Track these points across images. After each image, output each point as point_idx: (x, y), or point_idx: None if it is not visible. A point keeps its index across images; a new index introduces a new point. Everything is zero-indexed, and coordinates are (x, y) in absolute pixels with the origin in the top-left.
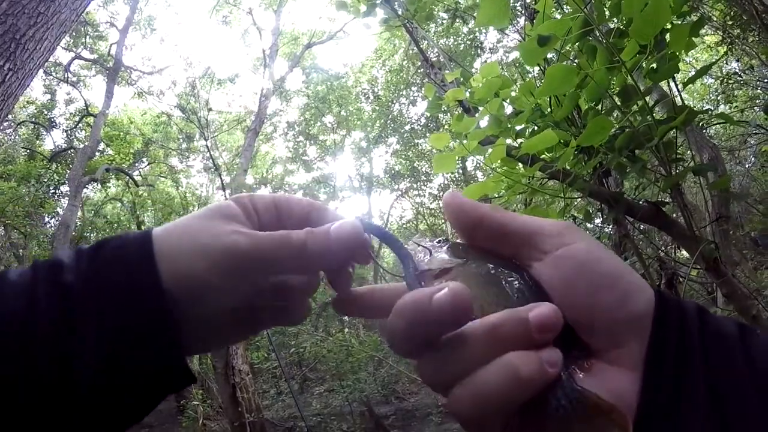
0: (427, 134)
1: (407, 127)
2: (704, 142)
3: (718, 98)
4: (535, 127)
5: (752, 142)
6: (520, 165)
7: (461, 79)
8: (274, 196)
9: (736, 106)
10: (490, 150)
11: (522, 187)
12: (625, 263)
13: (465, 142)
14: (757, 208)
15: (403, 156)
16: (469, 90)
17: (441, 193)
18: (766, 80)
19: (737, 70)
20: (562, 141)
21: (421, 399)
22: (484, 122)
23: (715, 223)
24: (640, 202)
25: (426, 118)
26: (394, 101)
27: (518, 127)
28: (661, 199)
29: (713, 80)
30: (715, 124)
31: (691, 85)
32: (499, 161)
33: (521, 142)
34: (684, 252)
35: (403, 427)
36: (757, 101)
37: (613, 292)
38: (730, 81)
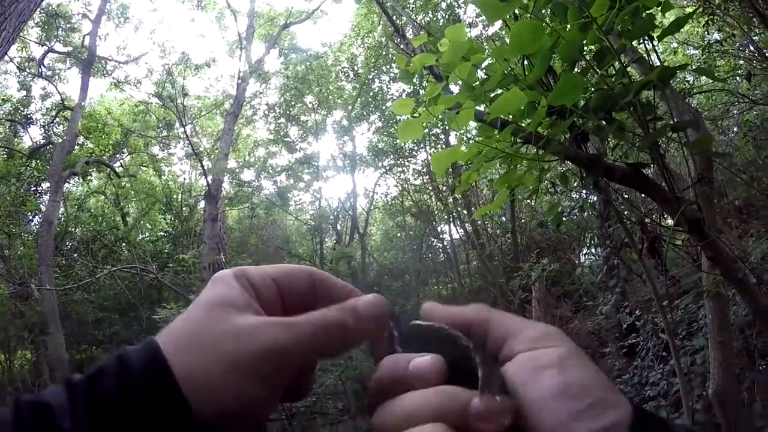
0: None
1: (389, 104)
2: (685, 108)
3: (701, 67)
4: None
5: (735, 112)
6: (496, 132)
7: (429, 45)
8: (268, 270)
9: (718, 76)
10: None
11: (494, 152)
12: (604, 378)
13: (430, 107)
14: (740, 176)
15: (386, 133)
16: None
17: (425, 169)
18: (747, 49)
19: (719, 40)
20: (534, 102)
21: None
22: (457, 89)
23: (697, 186)
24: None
25: (408, 94)
26: (375, 78)
27: (492, 94)
28: (641, 161)
29: (695, 51)
30: (697, 93)
31: (673, 56)
32: (475, 128)
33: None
34: (670, 219)
35: None
36: (739, 71)
37: (574, 403)
38: (711, 50)
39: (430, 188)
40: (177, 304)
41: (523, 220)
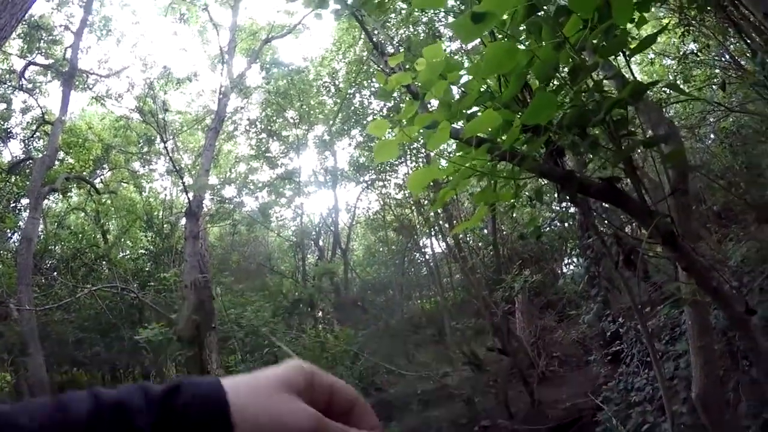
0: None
1: (370, 118)
2: (661, 120)
3: (677, 78)
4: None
5: (711, 120)
6: (473, 150)
7: (406, 64)
8: (333, 381)
9: (694, 85)
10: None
11: (470, 171)
12: None
13: (406, 128)
14: (718, 182)
15: (367, 148)
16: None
17: (406, 183)
18: (723, 59)
19: (695, 50)
20: (509, 121)
21: (400, 389)
22: (435, 104)
23: (672, 198)
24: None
25: (388, 109)
26: (356, 93)
27: (470, 111)
28: (616, 176)
29: (672, 61)
30: (674, 102)
31: (650, 66)
32: (454, 144)
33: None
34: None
35: (384, 417)
36: (715, 80)
37: None
38: (687, 60)
39: (412, 202)
40: (159, 324)
41: (504, 232)
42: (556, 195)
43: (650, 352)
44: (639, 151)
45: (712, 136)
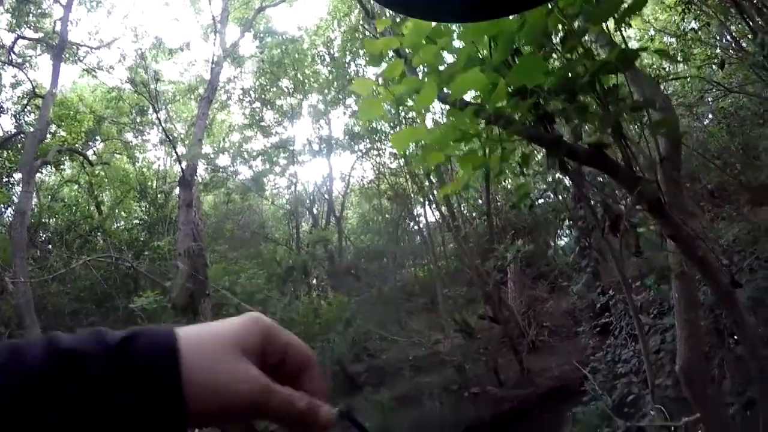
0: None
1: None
2: (656, 94)
3: (676, 56)
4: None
5: (709, 99)
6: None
7: (395, 28)
8: (288, 338)
9: (693, 64)
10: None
11: (456, 131)
12: None
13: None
14: (714, 162)
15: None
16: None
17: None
18: (723, 39)
19: (695, 28)
20: (495, 84)
21: (392, 355)
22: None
23: (663, 167)
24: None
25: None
26: (351, 62)
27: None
28: (604, 142)
29: (672, 39)
30: (672, 79)
31: (650, 43)
32: (441, 110)
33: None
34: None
35: (376, 383)
36: (715, 60)
37: None
38: (687, 38)
39: (406, 171)
40: (154, 293)
41: (499, 203)
42: (546, 161)
43: (636, 325)
44: (635, 128)
45: (710, 116)
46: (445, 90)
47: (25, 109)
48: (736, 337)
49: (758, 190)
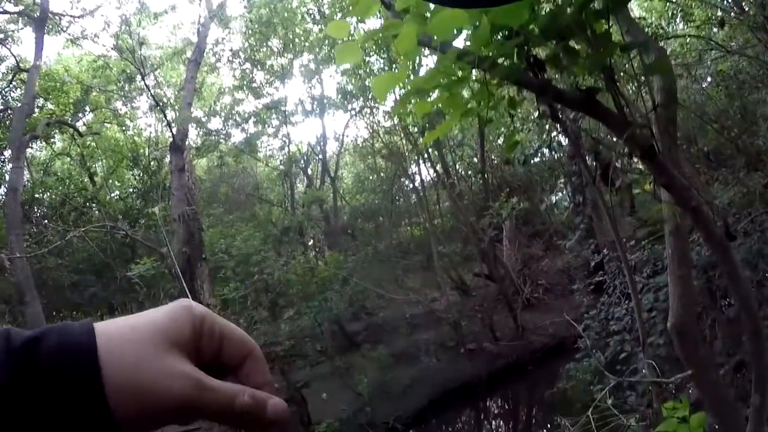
0: (379, 52)
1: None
2: (651, 45)
3: (676, 15)
4: None
5: (708, 61)
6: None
7: None
8: (224, 327)
9: (693, 24)
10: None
11: (439, 75)
12: None
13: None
14: (711, 125)
15: (355, 75)
16: None
17: (393, 110)
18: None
19: None
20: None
21: (390, 313)
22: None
23: (658, 115)
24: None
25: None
26: (343, 19)
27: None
28: (595, 87)
29: None
30: (670, 37)
31: (649, 2)
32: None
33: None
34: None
35: (374, 341)
36: (715, 21)
37: None
38: None
39: (400, 129)
40: (151, 259)
41: (494, 161)
42: (537, 110)
43: (629, 284)
44: (631, 88)
45: (708, 78)
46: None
47: (11, 85)
48: (728, 299)
49: (754, 154)
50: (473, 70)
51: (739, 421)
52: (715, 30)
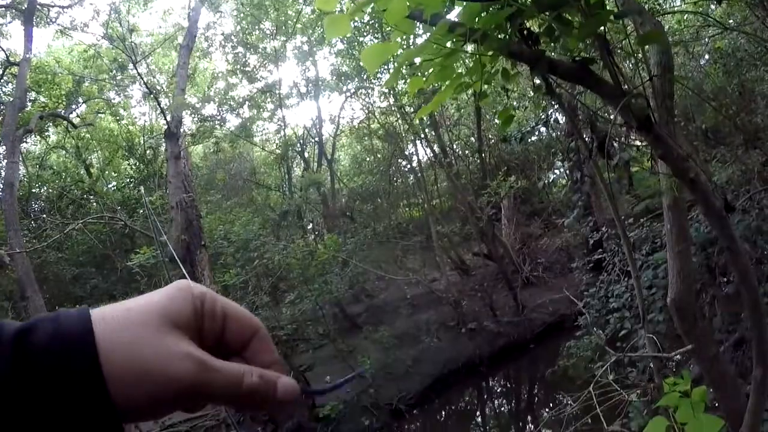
0: (372, 32)
1: (351, 25)
2: (648, 19)
3: None
4: None
5: (706, 38)
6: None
7: None
8: (227, 306)
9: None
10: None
11: (430, 48)
12: None
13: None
14: (710, 102)
15: (350, 56)
16: None
17: (390, 91)
18: None
19: None
20: None
21: (390, 294)
22: None
23: (654, 85)
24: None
25: (370, 14)
26: None
27: None
28: (589, 57)
29: None
30: (667, 13)
31: None
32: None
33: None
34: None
35: (375, 322)
36: None
37: None
38: None
39: (396, 110)
40: (150, 248)
41: (491, 140)
42: (532, 84)
43: (629, 260)
44: (628, 65)
45: (706, 56)
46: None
47: (1, 80)
48: (726, 276)
49: (753, 132)
50: (465, 44)
51: (739, 396)
52: (712, 7)
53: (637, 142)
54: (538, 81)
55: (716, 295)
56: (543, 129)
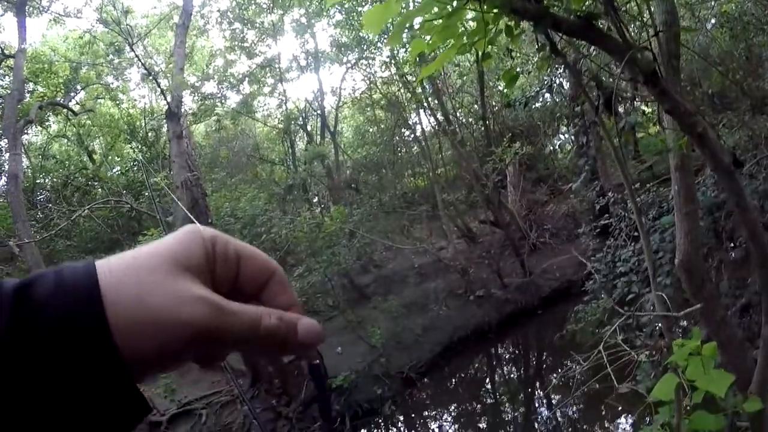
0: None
1: None
2: None
3: None
4: None
5: (712, 3)
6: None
7: None
8: (240, 248)
9: None
10: None
11: (436, 5)
12: None
13: None
14: (716, 67)
15: (348, 26)
16: None
17: (392, 60)
18: None
19: None
20: None
21: (397, 264)
22: None
23: (660, 41)
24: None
25: None
26: None
27: None
28: (594, 13)
29: None
30: None
31: None
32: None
33: None
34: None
35: (384, 293)
36: None
37: None
38: None
39: (398, 79)
40: (157, 230)
41: (495, 107)
42: (535, 41)
43: (637, 221)
44: (633, 27)
45: (713, 20)
46: None
47: None
48: (733, 241)
49: (760, 98)
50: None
51: (746, 358)
52: None
53: (644, 107)
54: (542, 40)
55: (723, 260)
56: (547, 95)
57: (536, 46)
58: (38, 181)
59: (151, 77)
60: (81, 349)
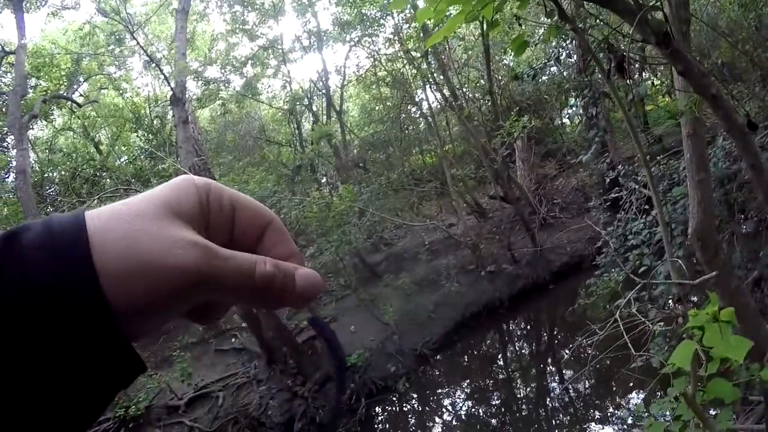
0: None
1: None
2: None
3: None
4: None
5: None
6: None
7: None
8: (235, 197)
9: None
10: None
11: None
12: None
13: None
14: (726, 38)
15: (350, 3)
16: None
17: (395, 36)
18: None
19: None
20: None
21: (408, 241)
22: None
23: (670, 3)
24: None
25: None
26: None
27: None
28: None
29: None
30: None
31: None
32: None
33: None
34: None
35: (395, 270)
36: None
37: None
38: None
39: (402, 55)
40: None
41: (502, 81)
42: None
43: (649, 183)
44: None
45: None
46: None
47: (0, 70)
48: (745, 213)
49: None
50: None
51: (760, 326)
52: None
53: (653, 79)
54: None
55: (735, 232)
56: (554, 69)
57: (544, 14)
58: (46, 175)
59: (153, 64)
60: (66, 292)
